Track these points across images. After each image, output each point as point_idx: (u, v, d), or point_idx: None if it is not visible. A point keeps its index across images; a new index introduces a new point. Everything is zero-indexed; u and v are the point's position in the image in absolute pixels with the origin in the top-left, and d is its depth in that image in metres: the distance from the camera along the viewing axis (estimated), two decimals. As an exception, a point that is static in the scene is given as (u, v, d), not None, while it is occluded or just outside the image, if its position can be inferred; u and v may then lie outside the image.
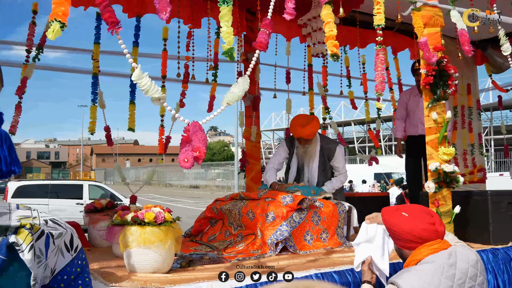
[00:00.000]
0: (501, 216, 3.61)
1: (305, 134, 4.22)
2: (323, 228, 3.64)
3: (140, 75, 1.99)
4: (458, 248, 1.94)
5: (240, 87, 2.20)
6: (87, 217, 4.03)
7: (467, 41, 3.11)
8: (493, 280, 3.20)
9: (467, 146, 6.63)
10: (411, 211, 2.00)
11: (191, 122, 2.10)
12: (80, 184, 14.23)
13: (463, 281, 1.83)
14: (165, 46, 4.72)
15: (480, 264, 1.91)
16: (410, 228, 1.95)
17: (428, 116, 3.08)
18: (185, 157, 2.04)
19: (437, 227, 1.95)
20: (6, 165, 1.67)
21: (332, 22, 2.59)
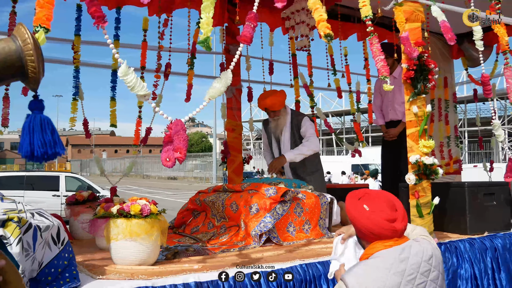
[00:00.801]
0: (477, 207, 3.73)
1: (268, 104, 4.44)
2: (306, 220, 3.70)
3: (126, 71, 1.99)
4: (414, 242, 1.88)
5: (222, 82, 2.22)
6: (68, 209, 4.00)
7: (449, 30, 3.18)
8: (470, 269, 3.31)
9: (443, 138, 6.76)
10: (373, 203, 1.90)
11: (174, 120, 2.11)
12: (56, 175, 14.02)
13: (413, 277, 1.78)
14: (145, 37, 4.67)
15: (435, 259, 1.86)
16: (367, 224, 1.88)
17: (409, 109, 3.14)
18: (167, 157, 2.07)
19: (397, 224, 1.86)
20: (51, 148, 1.76)
21: (321, 8, 2.61)
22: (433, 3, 3.24)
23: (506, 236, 3.65)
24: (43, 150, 1.74)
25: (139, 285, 2.18)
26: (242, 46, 2.38)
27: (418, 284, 1.78)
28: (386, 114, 5.01)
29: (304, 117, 4.54)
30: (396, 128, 4.81)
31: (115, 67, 4.38)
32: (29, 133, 1.75)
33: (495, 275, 3.39)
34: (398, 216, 1.88)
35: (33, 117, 1.76)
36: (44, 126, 1.76)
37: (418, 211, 3.08)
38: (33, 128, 1.75)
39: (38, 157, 1.75)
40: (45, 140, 1.75)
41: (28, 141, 1.74)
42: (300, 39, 4.98)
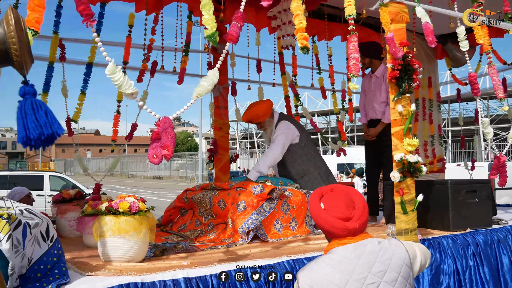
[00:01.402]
0: (460, 204, 3.81)
1: (249, 116, 4.44)
2: (292, 217, 3.74)
3: (114, 69, 2.00)
4: (372, 241, 1.83)
5: (209, 80, 2.24)
6: (55, 207, 3.99)
7: (431, 33, 3.24)
8: (453, 264, 3.38)
9: (427, 137, 6.88)
10: (330, 202, 1.87)
11: (162, 118, 2.12)
12: (40, 175, 13.89)
13: (363, 276, 1.74)
14: (130, 33, 4.67)
15: (398, 261, 1.80)
16: (321, 222, 1.86)
17: (394, 108, 3.20)
18: (155, 153, 2.08)
19: (350, 223, 1.82)
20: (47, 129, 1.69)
21: (301, 14, 2.65)
22: (417, 4, 3.30)
23: (487, 232, 3.74)
24: (39, 131, 1.68)
25: (128, 281, 2.19)
26: (228, 45, 2.41)
27: (369, 284, 1.74)
28: (367, 112, 5.05)
29: (280, 121, 4.42)
30: (375, 128, 4.83)
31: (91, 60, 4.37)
32: (22, 118, 1.69)
33: (478, 270, 3.47)
34: (354, 215, 1.84)
35: (24, 101, 1.71)
36: (36, 108, 1.70)
37: (402, 208, 3.14)
38: (25, 112, 1.69)
39: (35, 139, 1.68)
40: (39, 121, 1.69)
41: (22, 126, 1.68)
42: (286, 38, 5.03)
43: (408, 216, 3.15)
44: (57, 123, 1.75)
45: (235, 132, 48.52)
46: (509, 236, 3.83)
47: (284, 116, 4.53)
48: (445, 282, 3.34)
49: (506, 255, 3.69)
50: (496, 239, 3.72)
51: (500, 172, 3.74)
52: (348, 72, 2.96)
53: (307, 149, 4.38)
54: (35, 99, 1.73)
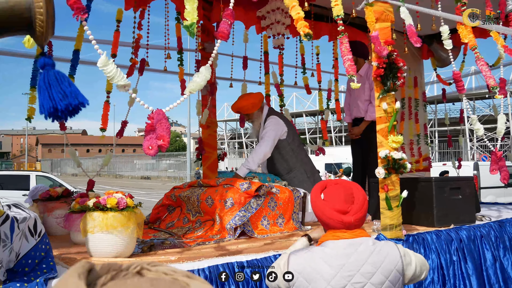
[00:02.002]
0: (444, 200, 3.88)
1: (238, 106, 4.48)
2: (279, 214, 3.78)
3: (106, 61, 2.00)
4: (367, 241, 1.85)
5: (202, 76, 2.25)
6: (41, 205, 3.97)
7: (414, 34, 3.30)
8: (437, 259, 3.44)
9: (413, 136, 6.97)
10: (330, 193, 1.90)
11: (155, 110, 2.14)
12: (26, 174, 13.77)
13: (351, 275, 1.76)
14: (118, 27, 4.66)
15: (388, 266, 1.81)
16: (318, 212, 1.91)
17: (379, 106, 3.25)
18: (150, 145, 2.07)
19: (346, 217, 1.84)
20: (74, 99, 1.66)
21: (297, 6, 2.66)
22: (402, 3, 3.36)
23: (471, 228, 3.81)
24: (66, 102, 1.63)
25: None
26: (219, 43, 2.43)
27: (355, 283, 1.76)
28: (352, 111, 5.11)
29: (270, 116, 4.49)
30: (359, 127, 4.89)
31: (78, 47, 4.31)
32: (47, 88, 1.63)
33: (461, 265, 3.53)
34: (352, 209, 1.85)
35: (46, 73, 1.66)
36: (60, 79, 1.66)
37: (387, 204, 3.19)
38: (49, 83, 1.64)
39: (63, 111, 1.63)
40: (65, 91, 1.65)
41: (47, 97, 1.64)
42: (277, 37, 5.07)
43: (393, 212, 3.20)
44: (81, 94, 1.71)
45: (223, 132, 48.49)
46: (492, 232, 3.90)
47: (273, 111, 4.57)
48: (429, 277, 3.40)
49: (489, 251, 3.76)
50: (479, 235, 3.79)
51: (500, 167, 3.76)
52: (347, 74, 3.00)
53: (294, 146, 4.44)
54: (56, 70, 1.69)
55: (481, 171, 12.79)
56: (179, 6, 4.97)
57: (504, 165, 3.76)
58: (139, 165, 50.69)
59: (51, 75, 1.67)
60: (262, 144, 4.27)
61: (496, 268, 3.74)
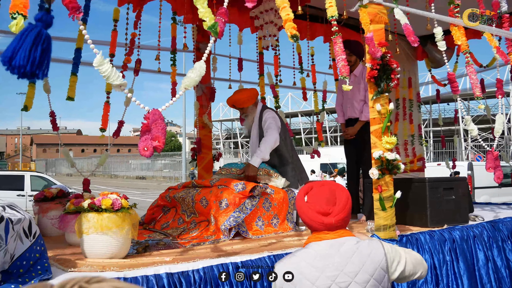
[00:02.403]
0: (437, 201, 3.91)
1: (233, 100, 4.53)
2: (274, 214, 3.79)
3: (101, 61, 1.98)
4: (349, 240, 1.88)
5: (197, 72, 2.23)
6: (36, 206, 3.97)
7: (411, 33, 3.33)
8: (430, 259, 3.47)
9: (407, 137, 7.00)
10: (313, 195, 1.92)
11: (151, 110, 2.13)
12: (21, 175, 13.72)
13: (335, 275, 1.78)
14: (116, 27, 4.66)
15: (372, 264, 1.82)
16: (301, 214, 1.94)
17: (373, 107, 3.28)
18: (145, 146, 2.05)
19: (327, 218, 1.86)
20: (32, 66, 1.61)
21: (288, 7, 2.68)
22: (395, 5, 3.38)
23: (463, 228, 3.84)
24: (22, 64, 1.60)
25: (111, 277, 2.21)
26: (212, 40, 2.42)
27: (340, 282, 1.78)
28: (345, 111, 5.11)
29: (265, 110, 4.54)
30: (354, 127, 4.90)
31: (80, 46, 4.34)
32: (19, 40, 1.60)
33: (454, 265, 3.56)
34: (333, 210, 1.87)
35: (32, 27, 1.62)
36: (37, 41, 1.62)
37: (381, 205, 3.21)
38: (25, 38, 1.61)
39: (15, 67, 1.60)
40: (30, 54, 1.61)
41: (12, 48, 1.61)
42: (268, 38, 5.09)
43: (386, 213, 3.23)
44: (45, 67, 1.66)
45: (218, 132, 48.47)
46: (485, 232, 3.94)
47: (267, 107, 4.63)
48: (422, 277, 3.43)
49: (482, 251, 3.80)
50: (472, 235, 3.82)
51: (495, 166, 3.78)
52: (340, 75, 3.02)
53: (286, 142, 4.49)
54: (44, 31, 1.64)
55: (475, 171, 12.86)
56: (175, 7, 4.98)
57: (499, 164, 3.78)
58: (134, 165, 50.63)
59: (34, 32, 1.63)
60: (270, 133, 4.31)
61: (488, 268, 3.78)
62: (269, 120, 4.41)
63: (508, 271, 3.91)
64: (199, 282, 2.41)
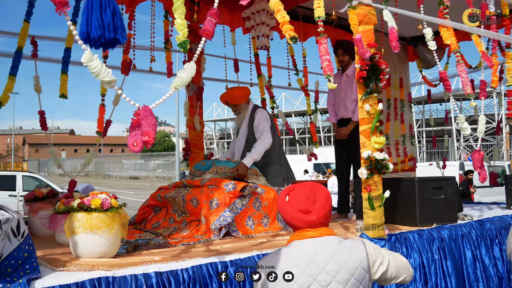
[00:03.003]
0: (426, 200, 3.94)
1: (226, 97, 4.58)
2: (264, 214, 3.81)
3: (90, 57, 1.94)
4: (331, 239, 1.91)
5: (187, 72, 2.21)
6: (27, 206, 3.96)
7: (395, 38, 3.35)
8: (419, 258, 3.50)
9: (399, 137, 7.04)
10: (293, 195, 1.97)
11: (141, 106, 2.10)
12: (13, 175, 13.65)
13: (316, 273, 1.82)
14: None
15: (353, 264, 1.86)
16: (283, 213, 1.98)
17: (362, 107, 3.30)
18: (134, 141, 2.01)
19: (309, 216, 1.90)
20: (109, 32, 1.59)
21: (282, 10, 2.69)
22: (385, 7, 3.41)
23: (452, 227, 3.88)
24: (100, 33, 1.58)
25: (100, 276, 2.22)
26: (203, 41, 2.41)
27: (321, 281, 1.81)
28: (338, 111, 5.11)
29: (257, 110, 4.56)
30: (347, 127, 4.91)
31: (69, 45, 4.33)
32: (87, 12, 1.58)
33: (442, 263, 3.59)
34: (313, 208, 1.91)
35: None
36: (104, 5, 1.60)
37: (370, 204, 3.24)
38: (92, 7, 1.58)
39: (95, 40, 1.59)
40: (103, 21, 1.59)
41: (85, 22, 1.58)
42: (261, 38, 5.11)
43: (375, 212, 3.25)
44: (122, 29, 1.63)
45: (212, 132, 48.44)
46: (473, 231, 3.98)
47: (258, 106, 4.69)
48: (411, 276, 3.46)
49: (470, 250, 3.83)
50: (461, 234, 3.86)
51: (481, 166, 3.81)
52: (324, 74, 3.03)
53: (274, 140, 4.50)
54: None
55: (466, 171, 12.93)
56: (166, 6, 4.99)
57: (483, 165, 3.83)
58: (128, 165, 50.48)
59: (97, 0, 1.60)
60: (265, 136, 4.36)
61: (475, 267, 3.82)
62: (263, 122, 4.44)
63: (496, 270, 3.95)
64: (188, 281, 2.43)
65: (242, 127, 4.61)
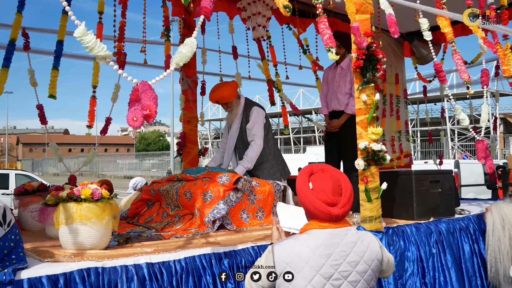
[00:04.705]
0: (423, 193, 3.89)
1: (217, 97, 4.47)
2: (259, 207, 3.75)
3: (84, 32, 1.84)
4: (351, 231, 1.89)
5: (188, 48, 2.09)
6: (17, 200, 3.88)
7: (394, 24, 3.29)
8: (416, 251, 3.44)
9: (394, 133, 6.99)
10: (319, 183, 1.89)
11: (139, 82, 1.99)
12: (6, 173, 13.57)
13: (338, 263, 1.79)
14: (101, 19, 4.57)
15: (370, 255, 1.86)
16: (306, 201, 1.89)
17: (358, 98, 3.24)
18: (134, 116, 1.85)
19: (334, 209, 1.84)
20: None
21: None
22: (381, -5, 3.35)
23: (450, 221, 3.83)
24: None
25: (89, 266, 2.15)
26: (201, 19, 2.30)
27: (342, 271, 1.80)
28: (330, 103, 5.04)
29: (253, 108, 4.50)
30: (339, 120, 4.84)
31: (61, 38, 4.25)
32: None
33: (440, 257, 3.54)
34: (340, 201, 1.86)
35: None
36: None
37: (366, 196, 3.18)
38: None
39: None
40: None
41: None
42: (258, 29, 5.04)
43: (372, 204, 3.20)
44: None
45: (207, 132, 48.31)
46: (471, 225, 3.93)
47: (251, 101, 4.62)
48: (409, 269, 3.40)
49: (467, 243, 3.79)
50: (458, 227, 3.81)
51: (486, 156, 3.75)
52: (325, 46, 2.95)
53: (269, 137, 4.48)
54: None
55: (461, 169, 12.94)
56: None
57: (489, 155, 3.76)
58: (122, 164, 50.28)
59: None
60: (256, 142, 4.36)
61: (473, 261, 3.77)
62: (256, 124, 4.40)
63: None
64: (181, 272, 2.36)
65: (235, 123, 4.55)
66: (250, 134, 4.41)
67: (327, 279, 1.77)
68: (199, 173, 3.95)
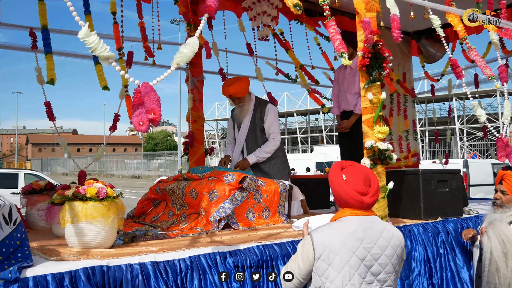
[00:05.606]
0: (431, 193, 3.86)
1: (231, 91, 4.47)
2: (265, 206, 3.74)
3: (88, 32, 1.85)
4: (379, 219, 2.12)
5: (190, 47, 2.09)
6: (24, 199, 3.90)
7: (397, 28, 3.27)
8: (423, 251, 3.42)
9: (402, 132, 6.95)
10: (351, 175, 2.11)
11: (141, 83, 1.98)
12: (15, 172, 13.65)
13: (371, 246, 2.00)
14: (115, 20, 4.59)
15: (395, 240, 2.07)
16: (340, 191, 2.10)
17: (364, 96, 3.22)
18: (140, 120, 1.85)
19: (366, 198, 2.07)
20: None
21: None
22: (388, -7, 3.33)
23: (458, 221, 3.79)
24: None
25: (94, 265, 2.16)
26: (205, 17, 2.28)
27: (373, 253, 1.99)
28: (340, 103, 5.07)
29: (267, 106, 4.52)
30: (349, 120, 4.85)
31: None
32: None
33: (448, 257, 3.51)
34: (370, 191, 2.09)
35: None
36: None
37: (373, 195, 3.15)
38: None
39: None
40: None
41: None
42: (263, 28, 5.04)
43: (379, 203, 3.18)
44: None
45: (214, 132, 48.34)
46: (479, 224, 3.89)
47: (260, 98, 4.67)
48: (416, 269, 3.38)
49: (476, 243, 3.74)
50: (466, 227, 3.77)
51: (508, 152, 3.69)
52: (336, 52, 2.98)
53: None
54: None
55: (470, 169, 12.84)
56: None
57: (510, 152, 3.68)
58: (130, 164, 50.47)
59: None
60: (276, 138, 4.47)
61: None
62: (275, 123, 4.48)
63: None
64: (186, 271, 2.36)
65: (245, 119, 4.54)
66: (268, 132, 4.48)
67: (361, 260, 1.97)
68: (205, 172, 3.95)
